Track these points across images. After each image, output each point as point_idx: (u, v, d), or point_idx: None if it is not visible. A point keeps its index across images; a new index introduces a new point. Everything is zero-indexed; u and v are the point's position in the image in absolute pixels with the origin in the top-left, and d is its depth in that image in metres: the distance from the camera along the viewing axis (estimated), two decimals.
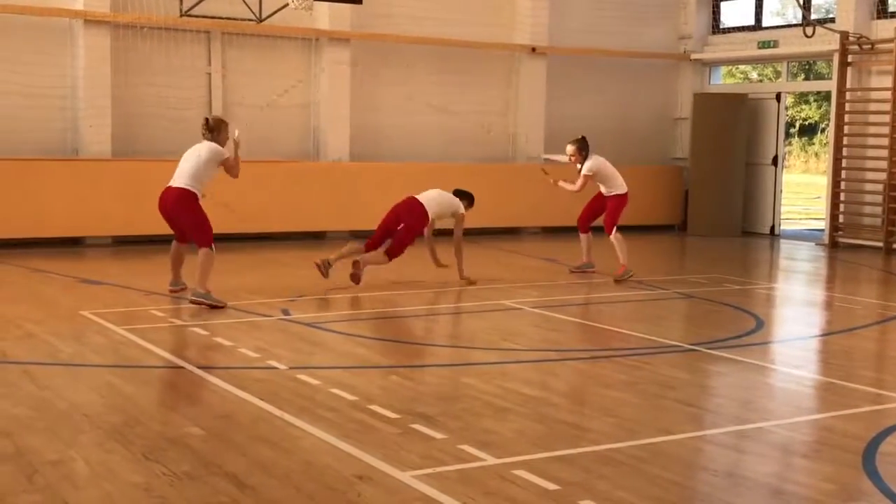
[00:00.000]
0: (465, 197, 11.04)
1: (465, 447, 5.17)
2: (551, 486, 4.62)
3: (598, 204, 12.19)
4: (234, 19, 14.09)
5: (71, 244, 13.65)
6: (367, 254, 10.45)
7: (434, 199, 10.71)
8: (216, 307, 8.99)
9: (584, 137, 11.97)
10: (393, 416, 5.74)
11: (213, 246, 9.21)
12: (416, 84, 16.29)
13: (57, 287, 10.29)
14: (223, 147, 9.43)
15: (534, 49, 16.86)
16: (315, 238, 15.15)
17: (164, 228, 13.87)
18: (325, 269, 10.28)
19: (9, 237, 13.15)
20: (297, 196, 14.87)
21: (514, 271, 12.04)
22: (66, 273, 11.10)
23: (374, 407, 5.91)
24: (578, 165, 11.88)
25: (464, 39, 16.36)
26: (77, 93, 13.88)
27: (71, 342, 7.61)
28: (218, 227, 14.15)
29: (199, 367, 6.87)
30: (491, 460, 4.99)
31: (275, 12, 13.25)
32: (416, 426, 5.54)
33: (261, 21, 13.25)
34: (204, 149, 9.33)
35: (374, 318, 8.98)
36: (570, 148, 11.90)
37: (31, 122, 13.72)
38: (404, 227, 10.45)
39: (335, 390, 6.27)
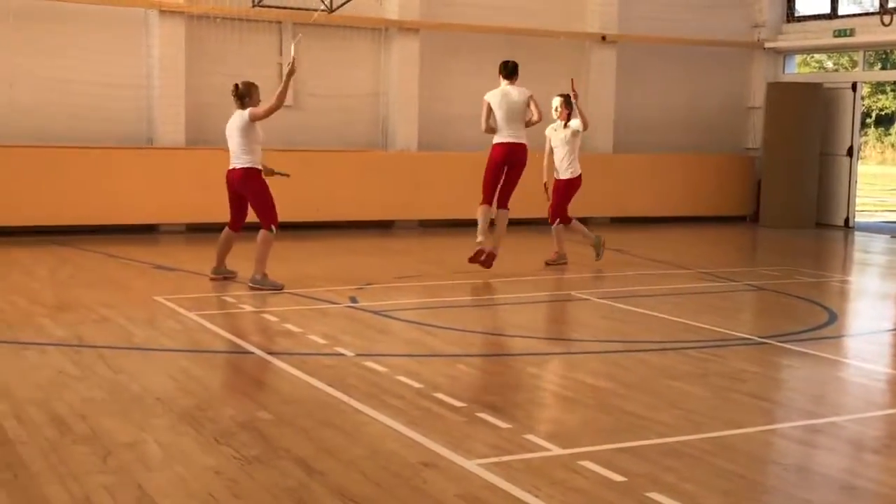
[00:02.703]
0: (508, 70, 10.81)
1: (531, 437, 5.18)
2: (618, 478, 4.61)
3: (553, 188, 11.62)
4: (306, 10, 14.20)
5: (146, 231, 13.91)
6: (492, 246, 10.57)
7: (513, 118, 10.56)
8: (275, 290, 9.23)
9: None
10: (459, 404, 5.77)
11: (274, 228, 9.31)
12: (485, 73, 16.24)
13: (132, 273, 10.50)
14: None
15: (604, 37, 16.73)
16: (383, 227, 15.24)
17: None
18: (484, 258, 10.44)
19: (86, 224, 13.44)
20: (366, 185, 14.96)
21: (581, 261, 11.98)
22: (141, 259, 11.32)
23: (439, 395, 5.94)
24: (562, 122, 11.41)
25: (532, 28, 16.30)
26: (152, 82, 14.11)
27: (144, 327, 7.77)
28: (287, 215, 14.44)
29: (268, 353, 6.97)
30: (556, 450, 4.99)
31: (345, 2, 13.34)
32: (482, 415, 5.56)
33: (332, 11, 13.34)
34: (234, 123, 9.35)
35: (440, 307, 9.01)
36: (557, 100, 11.46)
37: (108, 111, 13.98)
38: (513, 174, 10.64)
39: (401, 378, 6.32)
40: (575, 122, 11.24)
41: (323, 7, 13.50)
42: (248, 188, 9.36)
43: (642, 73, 17.45)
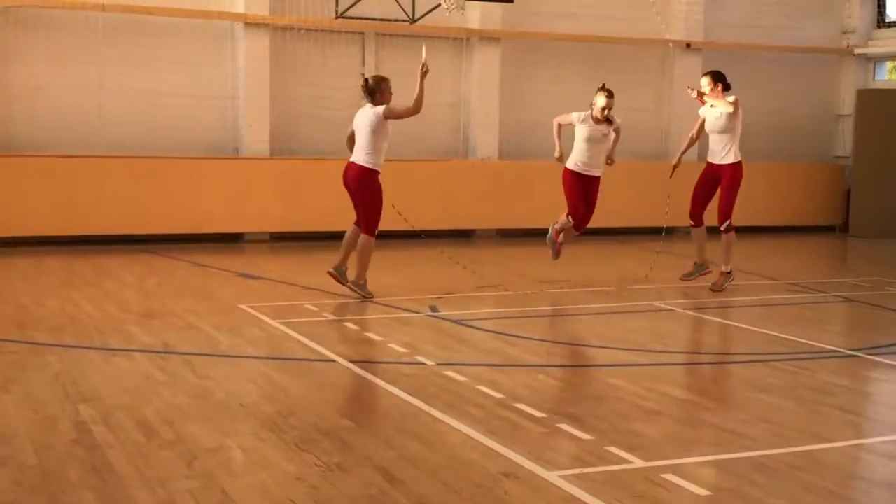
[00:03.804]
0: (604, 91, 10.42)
1: (613, 449, 5.12)
2: (702, 492, 4.53)
3: (707, 182, 10.45)
4: (388, 20, 14.30)
5: (231, 240, 14.13)
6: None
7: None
8: (365, 298, 9.28)
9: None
10: (539, 415, 5.73)
11: (374, 234, 9.33)
12: (566, 82, 16.19)
13: (217, 281, 10.67)
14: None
15: (688, 45, 16.53)
16: (464, 236, 15.25)
17: (320, 225, 14.34)
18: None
19: (174, 233, 13.71)
20: (447, 194, 14.99)
21: (665, 272, 11.83)
22: (226, 268, 11.50)
23: (520, 405, 5.91)
24: (710, 103, 10.23)
25: (615, 36, 16.18)
26: (238, 93, 14.35)
27: (229, 334, 7.88)
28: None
29: (349, 361, 7.01)
30: (639, 463, 4.93)
31: (427, 13, 13.39)
32: (563, 426, 5.51)
33: (413, 22, 13.41)
34: (365, 118, 9.22)
35: (520, 317, 8.98)
36: (704, 80, 10.42)
37: (195, 121, 14.25)
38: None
39: (482, 387, 6.30)
40: (731, 98, 10.19)
41: (405, 17, 13.57)
42: (360, 187, 9.30)
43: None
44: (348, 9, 12.87)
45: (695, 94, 10.38)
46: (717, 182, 10.36)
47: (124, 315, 8.57)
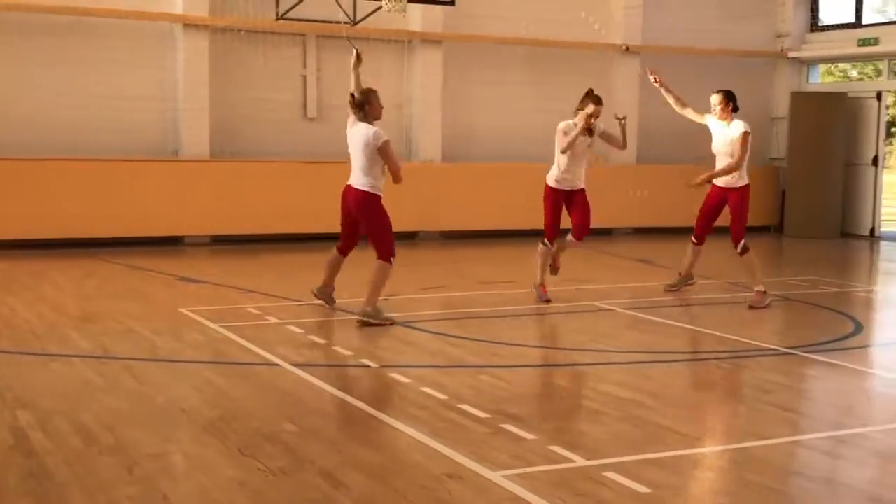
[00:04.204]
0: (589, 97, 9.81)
1: (556, 448, 5.16)
2: (643, 490, 4.59)
3: (713, 203, 10.22)
4: (329, 22, 14.26)
5: (171, 243, 13.98)
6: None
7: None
8: (387, 323, 8.37)
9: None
10: (483, 415, 5.76)
11: (392, 259, 8.45)
12: (508, 84, 16.28)
13: (157, 285, 10.56)
14: (379, 120, 8.59)
15: (627, 48, 16.71)
16: (407, 238, 15.26)
17: (262, 228, 14.26)
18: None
19: (113, 236, 13.53)
20: (389, 196, 14.91)
21: (606, 272, 11.95)
22: (166, 271, 11.38)
23: (464, 406, 5.93)
24: (718, 124, 10.06)
25: (556, 39, 16.30)
26: (177, 95, 14.21)
27: (170, 338, 7.80)
28: (309, 226, 14.51)
29: (293, 365, 6.98)
30: (581, 462, 4.98)
31: (369, 14, 13.38)
32: (507, 426, 5.54)
33: (355, 24, 13.39)
34: (360, 138, 8.48)
35: (464, 318, 9.01)
36: (715, 98, 10.18)
37: (134, 123, 14.09)
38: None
39: (426, 389, 6.31)
40: (741, 123, 9.94)
41: (346, 20, 13.54)
42: (365, 213, 8.52)
43: (670, 84, 17.36)
44: (289, 10, 12.82)
45: (653, 79, 10.65)
46: (723, 205, 10.13)
47: (62, 320, 8.45)
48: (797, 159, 17.11)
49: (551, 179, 9.97)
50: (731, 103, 10.09)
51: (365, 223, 8.58)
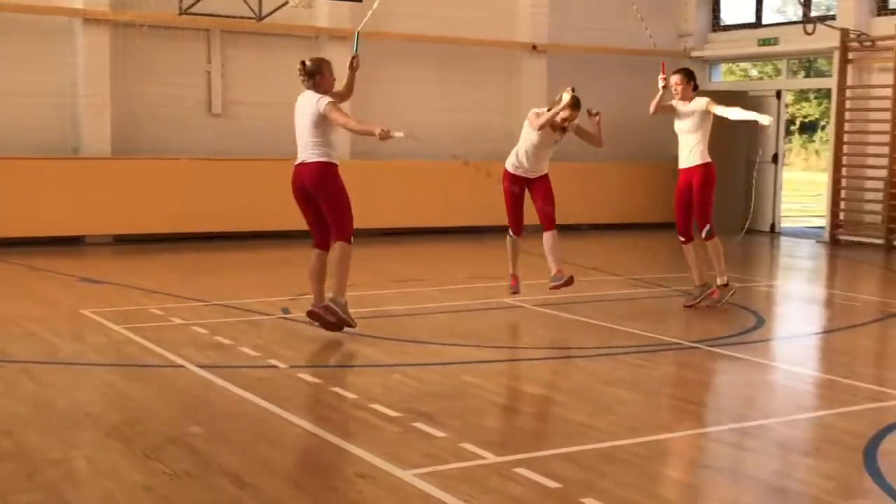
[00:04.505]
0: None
1: (467, 445, 5.16)
2: (553, 484, 4.62)
3: (684, 189, 9.77)
4: (234, 17, 14.07)
5: (71, 243, 13.63)
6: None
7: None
8: (347, 325, 7.79)
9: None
10: (394, 414, 5.73)
11: (350, 240, 7.82)
12: (418, 82, 16.27)
13: (57, 286, 10.28)
14: (329, 93, 7.97)
15: (534, 47, 16.85)
16: None
17: (166, 227, 14.01)
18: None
19: (10, 236, 13.14)
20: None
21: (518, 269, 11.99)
22: (67, 272, 11.09)
23: (375, 405, 5.90)
24: (681, 104, 9.75)
25: (464, 37, 16.35)
26: (77, 91, 13.87)
27: (71, 341, 7.60)
28: (216, 225, 14.31)
29: (199, 366, 6.86)
30: (492, 458, 4.98)
31: (274, 10, 13.25)
32: (418, 424, 5.53)
33: (261, 19, 13.24)
34: (307, 105, 7.85)
35: (375, 317, 8.97)
36: (675, 78, 9.81)
37: (32, 120, 13.71)
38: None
39: (336, 389, 6.26)
40: (703, 101, 9.64)
41: (251, 14, 13.38)
42: (321, 188, 7.74)
43: (574, 83, 17.54)
44: (192, 5, 12.60)
45: (663, 83, 9.95)
46: (690, 188, 9.79)
47: None
48: None
49: (509, 164, 9.69)
50: (691, 82, 9.81)
51: (323, 198, 7.76)
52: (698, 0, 18.34)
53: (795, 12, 17.78)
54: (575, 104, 9.45)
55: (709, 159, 9.72)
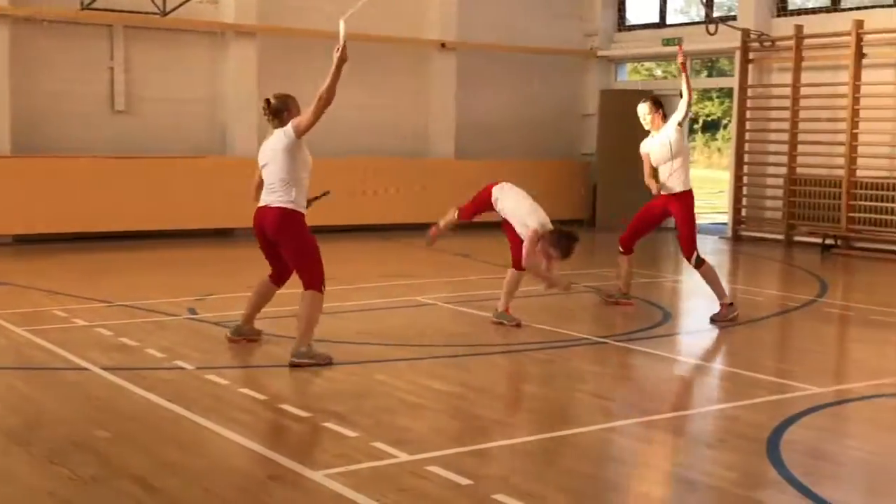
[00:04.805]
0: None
1: (379, 444, 5.15)
2: (465, 481, 4.63)
3: (654, 212, 9.49)
4: (137, 13, 13.82)
5: None
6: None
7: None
8: (325, 364, 6.99)
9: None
10: (305, 414, 5.69)
11: (323, 288, 7.15)
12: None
13: None
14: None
15: (443, 44, 16.88)
16: (223, 236, 14.94)
17: (68, 226, 13.67)
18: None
19: None
20: (204, 192, 14.62)
21: (426, 267, 12.03)
22: None
23: (285, 406, 5.84)
24: (653, 133, 9.34)
25: (373, 34, 16.29)
26: None
27: None
28: (120, 224, 14.02)
29: (103, 369, 6.71)
30: (404, 457, 4.98)
31: (179, 5, 13.04)
32: (329, 425, 5.49)
33: (164, 14, 13.01)
34: (275, 145, 7.22)
35: (283, 316, 8.87)
36: (643, 107, 9.48)
37: None
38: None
39: (245, 390, 6.19)
40: (675, 132, 9.21)
41: (155, 10, 13.15)
42: (284, 235, 7.19)
43: (482, 81, 17.68)
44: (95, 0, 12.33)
45: (680, 59, 9.59)
46: (662, 215, 9.40)
47: None
48: (607, 155, 17.69)
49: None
50: (660, 110, 9.39)
51: (285, 246, 7.23)
52: (604, 0, 18.59)
53: (698, 12, 18.15)
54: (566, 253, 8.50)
55: (689, 186, 9.18)
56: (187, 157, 14.83)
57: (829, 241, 14.86)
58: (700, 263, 9.09)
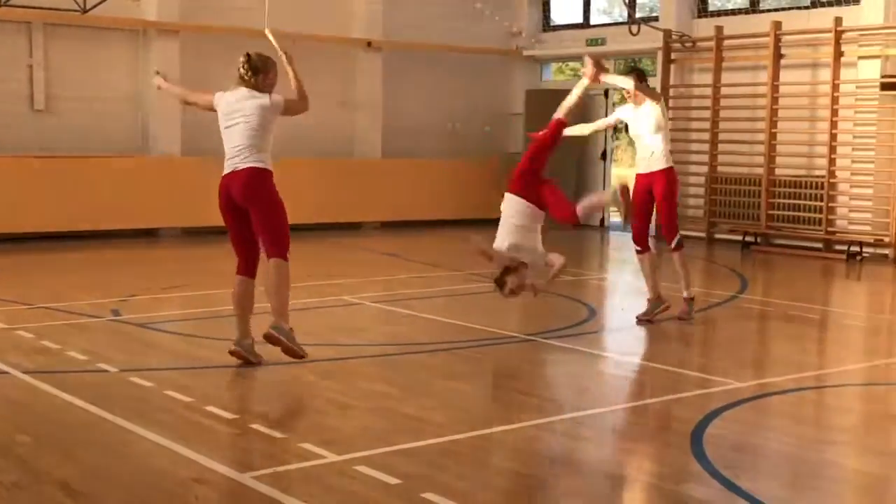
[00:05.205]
0: None
1: (307, 445, 5.12)
2: (393, 481, 4.63)
3: (644, 196, 8.87)
4: (57, 10, 13.55)
5: None
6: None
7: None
8: (296, 354, 6.74)
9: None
10: (231, 416, 5.63)
11: (288, 256, 6.76)
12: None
13: None
14: (271, 92, 6.92)
15: (369, 43, 16.84)
16: (148, 236, 14.73)
17: None
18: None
19: None
20: (127, 192, 14.40)
21: (354, 266, 11.99)
22: None
23: (211, 408, 5.78)
24: (633, 106, 8.84)
25: (298, 32, 16.17)
26: None
27: None
28: (41, 225, 13.73)
29: (25, 372, 6.57)
30: (332, 457, 4.96)
31: (99, 3, 12.81)
32: (256, 426, 5.45)
33: (85, 12, 12.78)
34: (249, 106, 6.80)
35: (209, 317, 8.79)
36: (628, 82, 8.73)
37: None
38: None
39: (170, 392, 6.11)
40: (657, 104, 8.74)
41: (75, 7, 12.91)
42: (255, 195, 6.74)
43: (409, 80, 17.69)
44: None
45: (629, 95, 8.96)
46: (651, 195, 8.90)
47: None
48: None
49: None
50: (643, 82, 8.85)
51: (256, 209, 6.74)
52: (529, 0, 18.73)
53: (621, 13, 18.38)
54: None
55: (671, 163, 8.84)
56: (109, 156, 14.58)
57: (749, 239, 15.16)
58: (679, 247, 8.82)
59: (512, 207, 8.13)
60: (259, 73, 6.89)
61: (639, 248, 9.05)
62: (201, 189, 14.90)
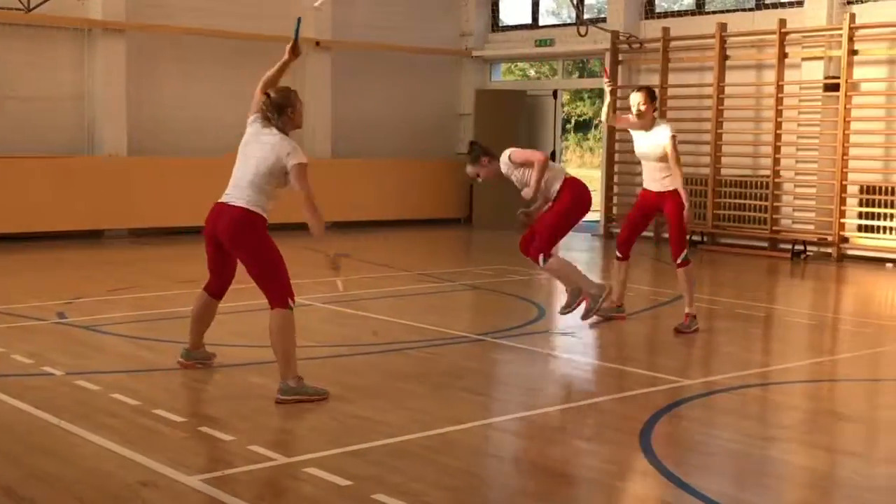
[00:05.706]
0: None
1: (255, 448, 5.09)
2: (343, 482, 4.61)
3: (647, 211, 8.94)
4: (1, 8, 13.33)
5: None
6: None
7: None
8: (320, 398, 6.09)
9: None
10: (179, 419, 5.58)
11: (292, 303, 6.24)
12: (198, 76, 15.89)
13: None
14: (298, 129, 6.45)
15: (318, 43, 16.78)
16: (93, 237, 14.55)
17: None
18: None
19: None
20: (72, 193, 14.21)
21: (304, 267, 11.90)
22: None
23: (158, 411, 5.72)
24: (642, 131, 8.78)
25: (246, 32, 16.09)
26: None
27: None
28: None
29: None
30: (282, 459, 4.93)
31: (44, 2, 12.63)
32: (204, 429, 5.41)
33: (29, 10, 12.60)
34: (268, 147, 6.21)
35: (157, 319, 8.70)
36: (637, 97, 8.76)
37: None
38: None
39: (117, 395, 6.04)
40: (668, 129, 8.66)
41: (19, 5, 12.71)
42: (243, 242, 6.21)
43: (359, 80, 17.65)
44: None
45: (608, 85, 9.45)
46: (654, 211, 8.91)
47: None
48: None
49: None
50: (654, 102, 8.80)
51: (243, 258, 6.24)
52: (478, 0, 18.77)
53: (570, 14, 18.49)
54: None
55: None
56: (54, 156, 14.38)
57: (695, 238, 15.32)
58: (685, 263, 8.69)
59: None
60: (285, 109, 6.36)
61: (620, 255, 9.14)
62: (148, 190, 14.84)
